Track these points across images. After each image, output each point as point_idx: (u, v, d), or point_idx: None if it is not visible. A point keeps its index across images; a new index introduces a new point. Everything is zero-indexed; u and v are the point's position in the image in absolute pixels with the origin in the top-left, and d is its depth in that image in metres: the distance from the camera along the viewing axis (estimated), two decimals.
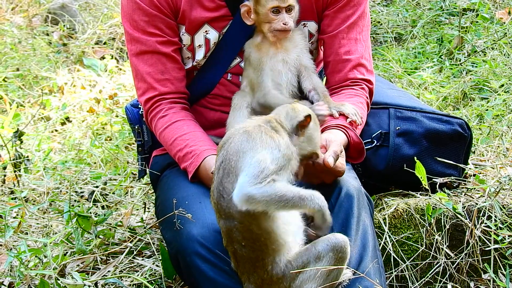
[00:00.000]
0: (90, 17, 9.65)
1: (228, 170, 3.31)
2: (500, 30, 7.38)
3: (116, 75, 8.25)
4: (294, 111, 3.51)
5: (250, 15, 4.04)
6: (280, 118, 3.48)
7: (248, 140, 3.32)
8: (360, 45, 4.22)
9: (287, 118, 3.49)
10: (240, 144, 3.32)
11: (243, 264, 3.43)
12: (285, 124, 3.47)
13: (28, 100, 7.89)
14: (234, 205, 3.26)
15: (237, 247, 3.40)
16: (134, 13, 4.09)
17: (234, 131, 3.42)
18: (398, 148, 4.28)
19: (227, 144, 3.37)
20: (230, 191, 3.28)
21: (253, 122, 3.45)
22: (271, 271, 3.40)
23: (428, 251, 4.24)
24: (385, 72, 7.15)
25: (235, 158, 3.30)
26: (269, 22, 4.01)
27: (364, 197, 3.78)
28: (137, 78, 4.18)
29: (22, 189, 5.59)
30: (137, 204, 5.29)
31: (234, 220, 3.34)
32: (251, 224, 3.32)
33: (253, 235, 3.34)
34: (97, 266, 4.43)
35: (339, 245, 3.41)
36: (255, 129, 3.37)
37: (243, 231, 3.34)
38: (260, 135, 3.34)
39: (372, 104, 4.33)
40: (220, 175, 3.34)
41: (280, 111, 3.52)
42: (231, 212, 3.32)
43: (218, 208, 3.38)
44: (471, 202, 4.29)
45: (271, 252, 3.38)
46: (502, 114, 5.94)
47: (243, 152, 3.30)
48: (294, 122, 3.48)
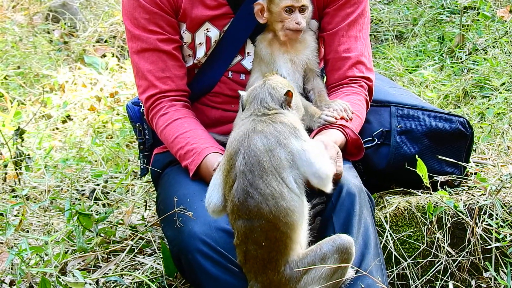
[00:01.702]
0: (91, 15, 9.65)
1: (260, 171, 3.35)
2: (501, 28, 7.38)
3: (117, 73, 8.25)
4: (275, 90, 3.55)
5: (263, 13, 4.04)
6: (268, 104, 3.52)
7: (267, 137, 3.40)
8: (359, 43, 4.22)
9: (273, 101, 3.53)
10: (262, 144, 3.38)
11: (253, 264, 3.44)
12: (276, 107, 3.52)
13: (29, 98, 7.89)
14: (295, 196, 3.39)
15: (251, 247, 3.41)
16: (135, 10, 4.09)
17: (239, 137, 3.46)
18: (400, 146, 4.27)
19: (243, 149, 3.41)
20: (266, 191, 3.34)
21: (250, 121, 3.49)
22: (283, 272, 3.41)
23: (429, 249, 4.24)
24: (386, 70, 7.14)
25: (266, 158, 3.36)
26: (282, 21, 4.02)
27: (366, 196, 3.78)
28: (138, 76, 4.18)
29: (23, 187, 5.60)
30: (138, 202, 5.30)
31: (261, 220, 3.36)
32: (280, 222, 3.36)
33: (278, 234, 3.37)
34: (98, 264, 4.43)
35: (344, 246, 3.43)
36: (262, 126, 3.44)
37: (268, 229, 3.37)
38: (273, 128, 3.42)
39: (373, 102, 4.33)
40: (248, 177, 3.36)
41: (263, 96, 3.55)
42: (261, 212, 3.35)
43: (239, 208, 3.39)
44: (472, 201, 4.29)
45: (288, 252, 3.41)
46: (503, 112, 5.94)
47: (270, 150, 3.38)
48: (281, 101, 3.54)
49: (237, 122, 3.88)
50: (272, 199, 3.33)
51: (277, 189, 3.34)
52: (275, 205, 3.33)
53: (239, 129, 3.50)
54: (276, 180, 3.34)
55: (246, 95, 3.61)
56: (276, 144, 3.38)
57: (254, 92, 3.57)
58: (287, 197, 3.35)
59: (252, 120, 3.47)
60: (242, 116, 3.58)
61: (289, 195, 3.36)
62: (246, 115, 3.54)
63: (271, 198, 3.33)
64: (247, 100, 3.58)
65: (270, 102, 3.51)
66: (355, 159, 4.05)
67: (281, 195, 3.34)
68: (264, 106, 3.50)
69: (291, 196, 3.36)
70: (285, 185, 3.35)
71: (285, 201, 3.34)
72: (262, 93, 3.55)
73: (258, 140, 3.38)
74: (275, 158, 3.36)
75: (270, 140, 3.38)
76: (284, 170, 3.36)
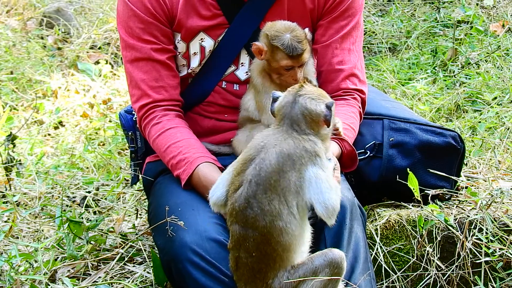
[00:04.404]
0: (85, 22, 9.65)
1: (266, 187, 3.34)
2: (494, 43, 7.41)
3: (110, 80, 8.25)
4: (308, 110, 3.44)
5: (261, 54, 3.99)
6: (300, 127, 3.44)
7: (284, 158, 3.36)
8: (353, 55, 4.22)
9: (306, 122, 3.44)
10: (277, 162, 3.35)
11: (243, 271, 3.45)
12: (307, 131, 3.45)
13: (21, 103, 7.88)
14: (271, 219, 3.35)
15: (243, 255, 3.42)
16: (130, 20, 4.09)
17: (259, 146, 3.44)
18: (391, 159, 4.28)
19: (257, 160, 3.39)
20: (266, 207, 3.34)
21: (276, 135, 3.45)
22: (270, 284, 3.42)
23: (419, 262, 4.25)
24: (379, 83, 7.16)
25: (275, 177, 3.34)
26: (280, 73, 4.01)
27: (357, 209, 3.79)
28: (131, 84, 4.18)
29: (14, 193, 5.59)
30: (129, 210, 5.29)
31: (255, 231, 3.37)
32: (273, 239, 3.36)
33: (269, 249, 3.37)
34: (88, 272, 4.42)
35: (335, 260, 3.42)
36: (285, 145, 3.39)
37: (260, 242, 3.37)
38: (293, 151, 3.37)
39: (366, 114, 4.34)
40: (253, 188, 3.36)
41: (296, 118, 3.44)
42: (257, 225, 3.36)
43: (237, 214, 3.40)
44: (463, 215, 4.30)
45: (277, 267, 3.41)
46: (494, 126, 5.96)
47: (283, 171, 3.35)
48: (318, 120, 3.46)
49: (267, 131, 3.61)
50: (270, 216, 3.33)
51: (277, 208, 3.33)
52: (271, 222, 3.33)
53: (263, 137, 3.47)
54: (279, 200, 3.34)
55: (277, 107, 3.52)
56: (291, 167, 3.35)
57: (285, 110, 3.47)
58: (285, 219, 3.35)
59: (279, 136, 3.43)
60: (272, 126, 3.52)
61: (288, 217, 3.35)
62: (275, 128, 3.49)
63: (269, 215, 3.33)
64: (278, 112, 3.51)
65: (303, 125, 3.45)
66: (349, 171, 4.06)
67: (279, 215, 3.34)
68: (295, 129, 3.44)
69: (289, 218, 3.36)
70: (286, 206, 3.35)
71: (282, 222, 3.34)
72: (295, 113, 3.46)
73: (275, 158, 3.35)
74: (285, 180, 3.34)
75: (287, 162, 3.35)
76: (290, 194, 3.35)
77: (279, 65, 3.96)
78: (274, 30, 3.94)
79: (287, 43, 3.90)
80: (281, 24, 3.97)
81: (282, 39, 3.91)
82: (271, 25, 3.99)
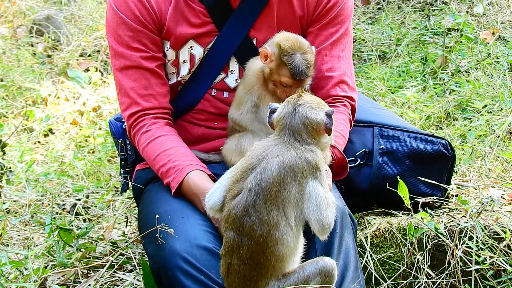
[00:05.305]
0: (75, 29, 9.64)
1: (266, 197, 3.34)
2: (484, 51, 7.43)
3: (100, 87, 8.24)
4: (309, 120, 3.44)
5: (267, 60, 3.96)
6: (302, 137, 3.45)
7: (286, 169, 3.35)
8: (343, 62, 4.23)
9: (308, 132, 3.45)
10: (278, 173, 3.35)
11: (234, 278, 3.44)
12: (309, 141, 3.46)
13: (11, 111, 7.87)
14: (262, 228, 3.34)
15: (235, 262, 3.41)
16: (119, 28, 4.09)
17: (260, 155, 3.42)
18: (382, 167, 4.29)
19: (259, 169, 3.39)
20: (264, 216, 3.34)
21: (278, 146, 3.43)
22: None
23: (409, 270, 4.24)
24: (369, 90, 7.17)
25: (276, 188, 3.34)
26: (275, 85, 4.00)
27: (348, 218, 3.79)
28: (120, 93, 4.17)
29: (4, 201, 5.57)
30: (119, 218, 5.28)
31: (250, 240, 3.36)
32: (268, 249, 3.36)
33: (262, 259, 3.37)
34: (78, 280, 4.40)
35: (327, 269, 3.43)
36: (286, 156, 3.38)
37: (254, 251, 3.37)
38: (295, 163, 3.37)
39: (356, 122, 4.34)
40: (252, 197, 3.36)
41: (297, 128, 3.44)
42: (253, 233, 3.35)
43: (234, 221, 3.39)
44: (453, 223, 4.30)
45: (268, 276, 3.41)
46: (484, 134, 5.97)
47: (284, 182, 3.34)
48: (318, 129, 3.47)
49: (268, 141, 3.56)
50: (267, 226, 3.33)
51: (275, 219, 3.33)
52: (267, 232, 3.33)
53: (264, 147, 3.45)
54: (278, 210, 3.34)
55: (277, 117, 3.50)
56: (292, 179, 3.35)
57: (286, 120, 3.47)
58: (281, 230, 3.35)
59: (282, 146, 3.42)
60: (273, 136, 3.50)
61: (285, 228, 3.35)
62: (276, 138, 3.48)
63: (267, 225, 3.33)
64: (278, 123, 3.50)
65: (304, 134, 3.45)
66: (339, 179, 4.06)
67: (277, 226, 3.34)
68: (297, 140, 3.44)
69: (286, 230, 3.36)
70: (285, 218, 3.35)
71: (278, 232, 3.34)
72: (295, 123, 3.45)
73: (277, 168, 3.35)
74: (285, 192, 3.34)
75: (288, 174, 3.35)
76: (289, 205, 3.35)
77: (279, 79, 3.95)
78: (287, 45, 3.89)
79: (295, 64, 3.87)
80: (295, 40, 3.92)
81: (292, 58, 3.87)
82: (285, 37, 3.94)
